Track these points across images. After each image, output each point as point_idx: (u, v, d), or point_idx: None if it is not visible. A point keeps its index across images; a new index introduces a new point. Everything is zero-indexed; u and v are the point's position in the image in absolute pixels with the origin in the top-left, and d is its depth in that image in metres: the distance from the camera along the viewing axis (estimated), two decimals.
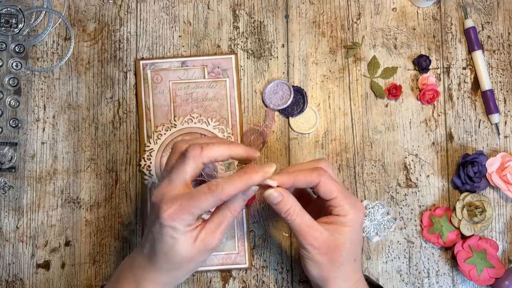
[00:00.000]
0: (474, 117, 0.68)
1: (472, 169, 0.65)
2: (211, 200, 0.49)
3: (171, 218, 0.49)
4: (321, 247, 0.53)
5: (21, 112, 0.67)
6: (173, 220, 0.49)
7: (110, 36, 0.69)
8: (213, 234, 0.51)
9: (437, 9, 0.69)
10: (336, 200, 0.54)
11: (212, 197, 0.49)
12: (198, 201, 0.49)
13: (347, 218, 0.54)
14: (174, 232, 0.50)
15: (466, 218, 0.65)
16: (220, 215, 0.52)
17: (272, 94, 0.67)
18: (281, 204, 0.53)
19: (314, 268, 0.54)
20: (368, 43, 0.68)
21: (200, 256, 0.52)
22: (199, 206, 0.49)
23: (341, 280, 0.55)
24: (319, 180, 0.53)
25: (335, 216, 0.54)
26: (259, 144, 0.67)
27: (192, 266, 0.53)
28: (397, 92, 0.67)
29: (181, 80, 0.67)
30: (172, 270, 0.52)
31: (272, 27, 0.69)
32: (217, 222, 0.52)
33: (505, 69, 0.68)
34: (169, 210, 0.49)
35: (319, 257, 0.53)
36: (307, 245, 0.53)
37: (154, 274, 0.53)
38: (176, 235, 0.50)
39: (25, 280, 0.66)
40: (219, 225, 0.52)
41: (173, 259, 0.51)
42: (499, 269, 0.64)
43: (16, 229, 0.66)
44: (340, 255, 0.54)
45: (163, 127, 0.67)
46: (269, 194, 0.52)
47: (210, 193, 0.49)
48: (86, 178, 0.67)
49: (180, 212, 0.49)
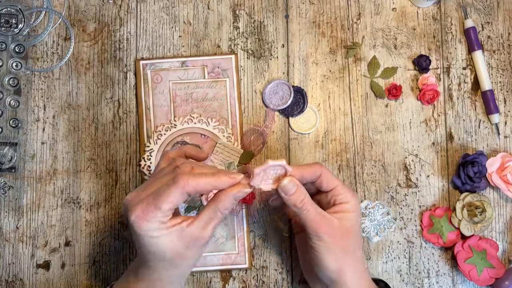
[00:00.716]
0: (474, 117, 0.68)
1: (472, 169, 0.65)
2: (177, 193, 0.50)
3: (140, 218, 0.50)
4: (336, 235, 0.54)
5: (21, 112, 0.67)
6: (144, 220, 0.49)
7: (110, 36, 0.69)
8: (202, 230, 0.51)
9: (437, 9, 0.69)
10: (338, 189, 0.56)
11: (177, 189, 0.49)
12: (164, 195, 0.50)
13: (351, 204, 0.55)
14: (150, 231, 0.50)
15: (466, 218, 0.65)
16: (210, 212, 0.52)
17: (272, 94, 0.67)
18: (296, 195, 0.53)
19: (331, 261, 0.54)
20: (368, 43, 0.68)
21: (191, 251, 0.52)
22: (166, 200, 0.49)
23: (353, 269, 0.55)
24: (321, 171, 0.55)
25: (340, 205, 0.55)
26: (259, 144, 0.67)
27: (187, 262, 0.53)
28: (397, 92, 0.67)
29: (181, 80, 0.67)
30: (168, 267, 0.52)
31: (272, 27, 0.69)
32: (206, 219, 0.52)
33: (505, 69, 0.68)
34: (137, 211, 0.50)
35: (334, 246, 0.54)
36: (323, 233, 0.53)
37: (154, 274, 0.53)
38: (154, 233, 0.50)
39: (25, 280, 0.66)
40: (209, 222, 0.52)
41: (162, 256, 0.51)
42: (499, 269, 0.64)
43: (16, 229, 0.66)
44: (352, 241, 0.55)
45: (163, 127, 0.67)
46: (284, 184, 0.53)
47: (175, 185, 0.50)
48: (86, 178, 0.67)
49: (147, 210, 0.50)
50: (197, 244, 0.52)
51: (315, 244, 0.54)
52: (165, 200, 0.50)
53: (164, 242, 0.50)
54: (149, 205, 0.50)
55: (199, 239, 0.52)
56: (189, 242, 0.51)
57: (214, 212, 0.52)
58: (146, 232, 0.50)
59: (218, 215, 0.52)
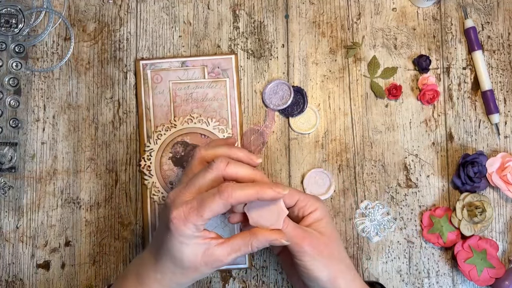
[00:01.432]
0: (474, 117, 0.68)
1: (472, 169, 0.65)
2: (220, 203, 0.49)
3: (181, 220, 0.49)
4: (319, 245, 0.53)
5: (21, 112, 0.67)
6: (183, 222, 0.49)
7: (110, 36, 0.69)
8: (227, 256, 0.51)
9: (437, 9, 0.69)
10: (301, 200, 0.55)
11: (221, 199, 0.49)
12: (207, 203, 0.49)
13: (319, 210, 0.55)
14: (183, 237, 0.50)
15: (466, 218, 0.65)
16: (242, 244, 0.51)
17: (272, 94, 0.67)
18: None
19: (322, 271, 0.54)
20: (368, 43, 0.68)
21: (205, 269, 0.52)
22: (208, 208, 0.49)
23: (344, 274, 0.55)
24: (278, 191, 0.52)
25: (309, 215, 0.55)
26: (259, 144, 0.67)
27: (196, 276, 0.53)
28: (397, 92, 0.67)
29: (181, 80, 0.67)
30: (177, 274, 0.52)
31: (272, 27, 0.69)
32: (235, 248, 0.51)
33: (505, 69, 0.68)
34: (179, 212, 0.49)
35: (320, 256, 0.53)
36: (306, 246, 0.53)
37: (157, 274, 0.53)
38: (185, 240, 0.50)
39: (25, 280, 0.66)
40: (236, 251, 0.51)
41: (179, 263, 0.51)
42: (499, 269, 0.64)
43: (16, 229, 0.66)
44: (336, 246, 0.55)
45: (163, 127, 0.67)
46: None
47: (219, 195, 0.49)
48: (86, 178, 0.67)
49: (189, 215, 0.49)
50: (214, 265, 0.51)
51: (300, 260, 0.54)
52: (208, 208, 0.49)
53: (190, 251, 0.50)
54: (192, 209, 0.49)
55: (218, 262, 0.51)
56: (208, 261, 0.51)
57: (246, 245, 0.51)
58: (179, 235, 0.49)
59: (248, 249, 0.52)
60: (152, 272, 0.53)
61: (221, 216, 0.65)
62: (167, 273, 0.52)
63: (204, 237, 0.51)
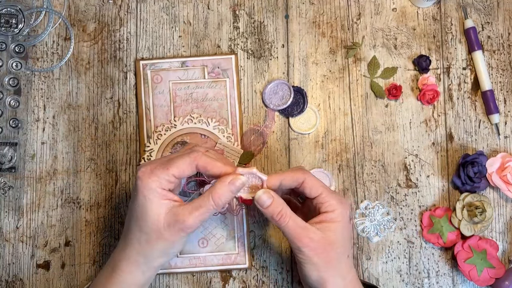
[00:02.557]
0: (474, 117, 0.68)
1: (472, 169, 0.65)
2: (187, 161, 0.51)
3: (146, 174, 0.51)
4: (317, 247, 0.53)
5: (21, 112, 0.67)
6: (148, 176, 0.51)
7: (110, 36, 0.69)
8: (188, 215, 0.51)
9: (437, 9, 0.69)
10: (322, 196, 0.54)
11: (189, 158, 0.51)
12: (175, 160, 0.51)
13: (336, 213, 0.54)
14: (147, 190, 0.51)
15: (466, 218, 0.65)
16: (202, 200, 0.52)
17: (272, 94, 0.67)
18: (272, 207, 0.53)
19: (313, 271, 0.54)
20: (368, 43, 0.68)
21: (169, 233, 0.51)
22: (175, 164, 0.51)
23: (338, 278, 0.55)
24: (304, 178, 0.54)
25: (324, 214, 0.54)
26: (259, 144, 0.67)
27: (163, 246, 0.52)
28: (397, 92, 0.67)
29: (181, 80, 0.67)
30: (142, 243, 0.52)
31: (272, 27, 0.69)
32: (195, 206, 0.52)
33: (505, 69, 0.68)
34: (146, 167, 0.52)
35: (316, 259, 0.53)
36: (303, 247, 0.53)
37: (126, 250, 0.53)
38: (149, 194, 0.51)
39: (25, 280, 0.66)
40: (197, 208, 0.51)
41: (143, 224, 0.51)
42: (499, 269, 0.64)
43: (16, 229, 0.66)
44: (335, 253, 0.54)
45: (163, 127, 0.67)
46: (259, 196, 0.53)
47: (188, 154, 0.52)
48: (86, 178, 0.67)
49: (155, 168, 0.51)
50: (176, 227, 0.51)
51: (297, 257, 0.54)
52: (175, 164, 0.51)
53: (153, 208, 0.51)
54: (159, 164, 0.52)
55: (180, 222, 0.51)
56: (171, 221, 0.51)
57: (206, 199, 0.52)
58: (144, 188, 0.51)
59: (210, 203, 0.52)
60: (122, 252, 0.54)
61: (221, 216, 0.66)
62: (134, 244, 0.52)
63: (167, 196, 0.52)
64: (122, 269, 0.53)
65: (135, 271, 0.53)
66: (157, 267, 0.55)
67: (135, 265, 0.53)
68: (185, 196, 0.64)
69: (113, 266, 0.54)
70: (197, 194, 0.65)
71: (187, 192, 0.65)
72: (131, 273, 0.53)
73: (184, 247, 0.65)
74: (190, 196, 0.65)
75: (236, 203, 0.66)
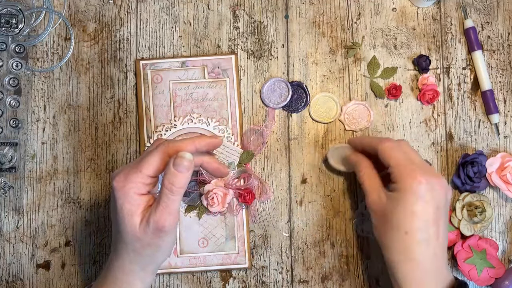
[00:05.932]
0: (474, 117, 0.68)
1: (472, 169, 0.65)
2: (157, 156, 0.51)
3: (121, 182, 0.50)
4: (377, 210, 0.56)
5: (21, 112, 0.67)
6: (123, 185, 0.50)
7: (110, 36, 0.69)
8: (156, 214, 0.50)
9: (437, 9, 0.69)
10: (391, 168, 0.55)
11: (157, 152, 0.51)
12: (144, 158, 0.51)
13: (398, 185, 0.54)
14: (124, 200, 0.50)
15: (466, 218, 0.65)
16: (160, 193, 0.51)
17: (270, 93, 0.67)
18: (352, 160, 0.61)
19: (374, 229, 0.57)
20: (368, 43, 0.69)
21: (150, 238, 0.50)
22: (146, 162, 0.51)
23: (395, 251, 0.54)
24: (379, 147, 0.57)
25: (392, 184, 0.55)
26: (259, 144, 0.67)
27: (150, 251, 0.52)
28: (397, 92, 0.67)
29: (181, 80, 0.67)
30: (130, 253, 0.52)
31: (272, 27, 0.69)
32: (158, 202, 0.50)
33: (505, 69, 0.68)
34: (120, 176, 0.51)
35: (374, 219, 0.56)
36: (367, 205, 0.57)
37: (119, 261, 0.53)
38: (125, 204, 0.50)
39: (25, 280, 0.66)
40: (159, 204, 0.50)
41: (125, 234, 0.51)
42: (499, 269, 0.64)
43: (16, 229, 0.66)
44: (389, 222, 0.54)
45: (163, 127, 0.67)
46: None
47: (155, 150, 0.51)
48: (86, 178, 0.67)
49: (129, 174, 0.50)
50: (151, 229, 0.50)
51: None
52: (146, 163, 0.51)
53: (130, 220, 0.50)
54: (131, 169, 0.51)
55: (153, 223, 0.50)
56: (145, 227, 0.50)
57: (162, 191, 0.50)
58: (120, 197, 0.50)
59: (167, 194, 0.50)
60: (115, 263, 0.53)
61: (220, 216, 0.66)
62: (122, 254, 0.52)
63: (142, 202, 0.51)
64: (121, 279, 0.53)
65: (133, 280, 0.53)
66: (154, 270, 0.54)
67: (132, 275, 0.53)
68: (185, 196, 0.64)
69: (111, 279, 0.54)
70: (197, 193, 0.65)
71: (187, 192, 0.65)
72: (129, 283, 0.53)
73: (184, 247, 0.65)
74: (190, 196, 0.65)
75: (236, 203, 0.66)
